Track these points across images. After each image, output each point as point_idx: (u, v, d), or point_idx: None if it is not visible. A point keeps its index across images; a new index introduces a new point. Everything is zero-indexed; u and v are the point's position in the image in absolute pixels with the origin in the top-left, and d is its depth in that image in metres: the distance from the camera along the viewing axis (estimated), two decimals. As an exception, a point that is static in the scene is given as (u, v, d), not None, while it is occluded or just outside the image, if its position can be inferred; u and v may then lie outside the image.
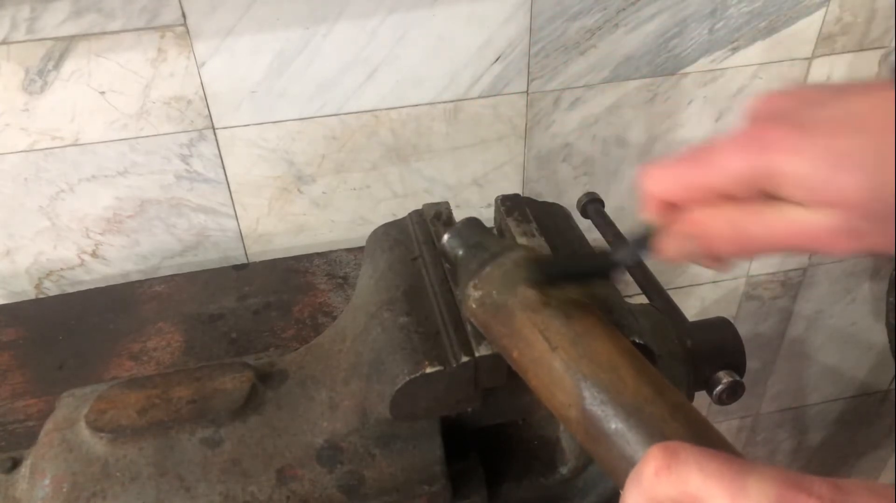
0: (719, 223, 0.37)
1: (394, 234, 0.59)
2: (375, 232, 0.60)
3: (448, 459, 0.54)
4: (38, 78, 0.74)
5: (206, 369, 0.56)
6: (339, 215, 0.93)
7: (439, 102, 0.86)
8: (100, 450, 0.52)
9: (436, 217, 0.58)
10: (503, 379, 0.49)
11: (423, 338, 0.49)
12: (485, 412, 0.54)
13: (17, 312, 0.82)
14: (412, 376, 0.47)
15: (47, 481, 0.51)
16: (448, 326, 0.49)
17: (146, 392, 0.54)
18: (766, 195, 0.35)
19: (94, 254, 0.88)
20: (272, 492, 0.51)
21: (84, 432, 0.52)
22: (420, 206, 0.93)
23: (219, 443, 0.52)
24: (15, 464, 0.54)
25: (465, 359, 0.47)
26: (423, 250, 0.56)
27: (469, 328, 0.48)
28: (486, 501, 0.56)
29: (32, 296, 0.89)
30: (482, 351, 0.47)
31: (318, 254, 0.88)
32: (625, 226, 1.04)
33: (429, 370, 0.47)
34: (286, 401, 0.55)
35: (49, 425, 0.54)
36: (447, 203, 0.60)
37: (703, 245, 0.38)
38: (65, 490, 0.50)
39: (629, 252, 0.42)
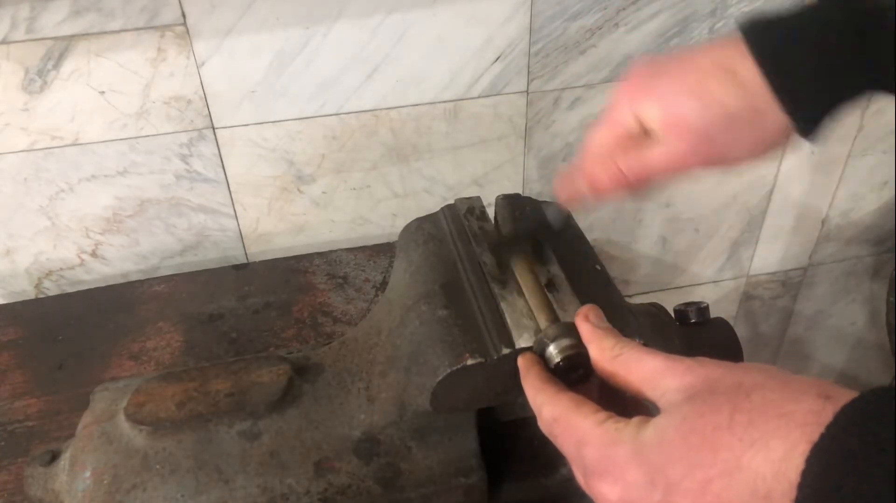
0: (601, 166, 0.48)
1: (427, 229, 0.59)
2: (408, 226, 0.61)
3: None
4: (38, 77, 0.74)
5: (242, 362, 0.57)
6: (339, 215, 0.93)
7: (439, 102, 0.86)
8: (139, 443, 0.52)
9: (469, 212, 0.59)
10: None
11: (463, 330, 0.50)
12: (517, 404, 0.55)
13: (16, 312, 0.82)
14: (453, 368, 0.48)
15: (88, 473, 0.51)
16: (487, 319, 0.50)
17: (184, 385, 0.54)
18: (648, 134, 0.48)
19: (93, 254, 0.88)
20: (310, 484, 0.52)
21: (123, 425, 0.53)
22: (420, 206, 0.93)
23: (257, 435, 0.53)
24: (54, 457, 0.55)
25: (505, 351, 0.47)
26: (458, 244, 0.56)
27: (508, 321, 0.49)
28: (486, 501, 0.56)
29: (32, 296, 0.89)
30: (522, 343, 0.47)
31: (318, 254, 0.88)
32: (625, 225, 1.04)
33: (470, 362, 0.48)
34: (323, 394, 0.55)
35: (87, 418, 0.55)
36: (479, 198, 0.60)
37: (590, 186, 0.49)
38: (105, 482, 0.51)
39: (552, 214, 0.54)
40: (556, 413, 0.40)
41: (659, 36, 0.87)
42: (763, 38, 0.45)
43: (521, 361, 0.46)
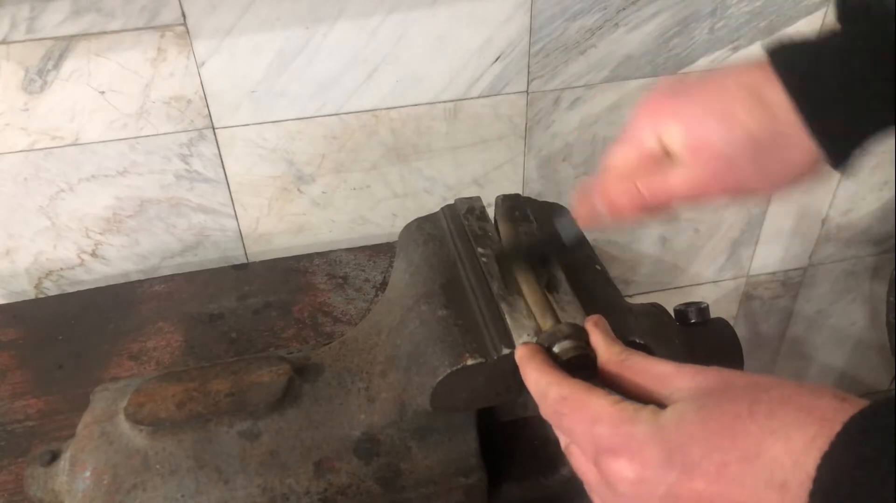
0: (620, 187, 0.47)
1: (427, 229, 0.59)
2: (409, 226, 0.61)
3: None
4: (38, 77, 0.74)
5: (242, 362, 0.57)
6: (339, 215, 0.93)
7: (439, 102, 0.86)
8: (139, 443, 0.52)
9: (469, 212, 0.59)
10: None
11: (463, 330, 0.50)
12: (517, 404, 0.55)
13: (16, 312, 0.82)
14: (453, 368, 0.48)
15: (88, 473, 0.51)
16: (487, 319, 0.50)
17: (184, 385, 0.54)
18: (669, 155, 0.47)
19: (93, 254, 0.88)
20: (310, 484, 0.52)
21: (123, 425, 0.53)
22: (420, 206, 0.93)
23: (257, 435, 0.53)
24: (54, 456, 0.55)
25: (505, 351, 0.47)
26: (458, 244, 0.56)
27: (508, 321, 0.49)
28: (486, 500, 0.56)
29: (32, 296, 0.89)
30: (522, 343, 0.47)
31: (318, 254, 0.88)
32: (625, 225, 1.04)
33: (470, 362, 0.48)
34: (323, 394, 0.55)
35: (87, 418, 0.55)
36: (479, 198, 0.60)
37: (608, 206, 0.48)
38: (105, 482, 0.51)
39: (564, 228, 0.52)
40: (564, 393, 0.39)
41: (659, 36, 0.87)
42: (790, 62, 0.43)
43: (523, 350, 0.45)
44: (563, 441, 0.41)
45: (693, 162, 0.45)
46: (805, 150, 0.43)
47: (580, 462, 0.39)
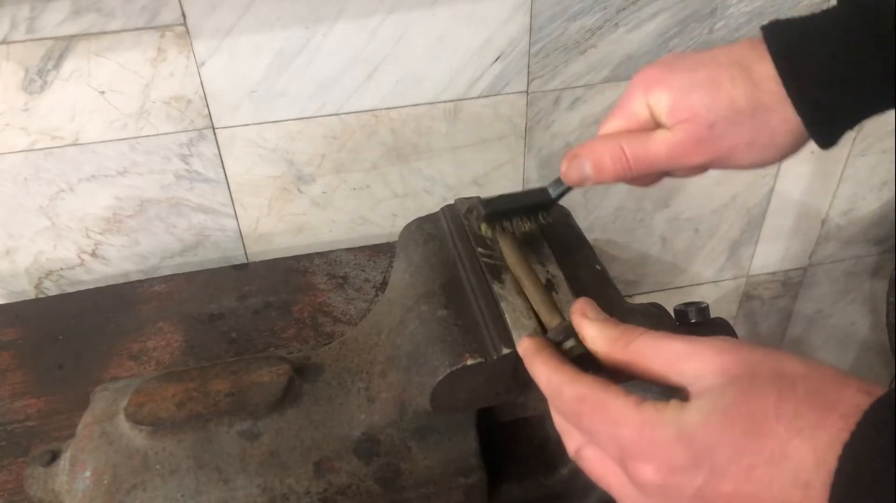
0: (606, 147, 0.49)
1: (427, 229, 0.59)
2: (409, 226, 0.61)
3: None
4: (38, 77, 0.74)
5: (242, 362, 0.57)
6: (339, 215, 0.93)
7: (439, 102, 0.86)
8: (139, 443, 0.52)
9: (469, 212, 0.59)
10: None
11: (463, 330, 0.50)
12: (517, 404, 0.55)
13: (16, 312, 0.82)
14: (453, 368, 0.48)
15: (88, 473, 0.52)
16: (487, 319, 0.50)
17: (184, 385, 0.55)
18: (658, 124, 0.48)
19: (93, 254, 0.88)
20: (310, 484, 0.52)
21: (123, 425, 0.53)
22: (420, 206, 0.93)
23: (257, 435, 0.53)
24: (54, 457, 0.55)
25: (505, 351, 0.47)
26: (458, 244, 0.56)
27: (508, 321, 0.48)
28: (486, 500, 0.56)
29: (32, 296, 0.89)
30: None
31: (318, 253, 0.88)
32: (625, 225, 1.04)
33: (469, 362, 0.48)
34: (323, 394, 0.55)
35: (87, 418, 0.55)
36: (479, 198, 0.60)
37: (594, 166, 0.49)
38: (105, 482, 0.51)
39: (553, 186, 0.53)
40: (581, 391, 0.38)
41: (659, 36, 0.87)
42: (781, 37, 0.45)
43: (528, 344, 0.43)
44: (576, 442, 0.39)
45: (677, 126, 0.47)
46: (786, 122, 0.45)
47: (599, 464, 0.38)
